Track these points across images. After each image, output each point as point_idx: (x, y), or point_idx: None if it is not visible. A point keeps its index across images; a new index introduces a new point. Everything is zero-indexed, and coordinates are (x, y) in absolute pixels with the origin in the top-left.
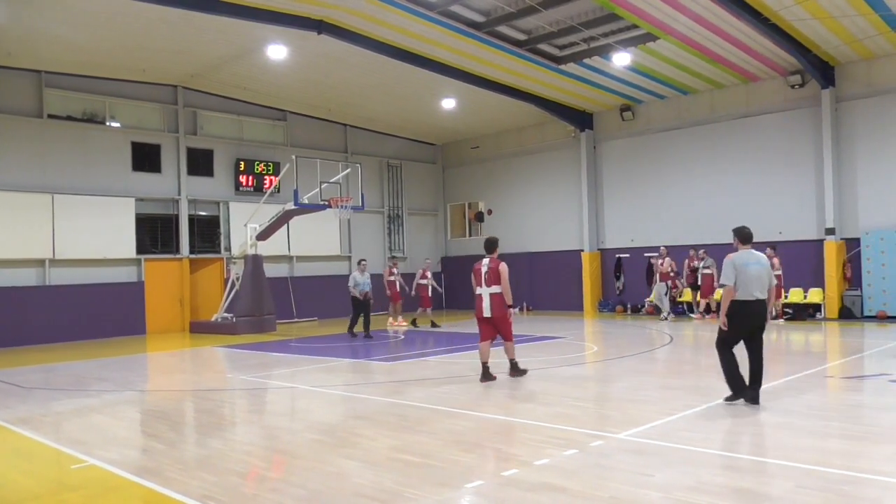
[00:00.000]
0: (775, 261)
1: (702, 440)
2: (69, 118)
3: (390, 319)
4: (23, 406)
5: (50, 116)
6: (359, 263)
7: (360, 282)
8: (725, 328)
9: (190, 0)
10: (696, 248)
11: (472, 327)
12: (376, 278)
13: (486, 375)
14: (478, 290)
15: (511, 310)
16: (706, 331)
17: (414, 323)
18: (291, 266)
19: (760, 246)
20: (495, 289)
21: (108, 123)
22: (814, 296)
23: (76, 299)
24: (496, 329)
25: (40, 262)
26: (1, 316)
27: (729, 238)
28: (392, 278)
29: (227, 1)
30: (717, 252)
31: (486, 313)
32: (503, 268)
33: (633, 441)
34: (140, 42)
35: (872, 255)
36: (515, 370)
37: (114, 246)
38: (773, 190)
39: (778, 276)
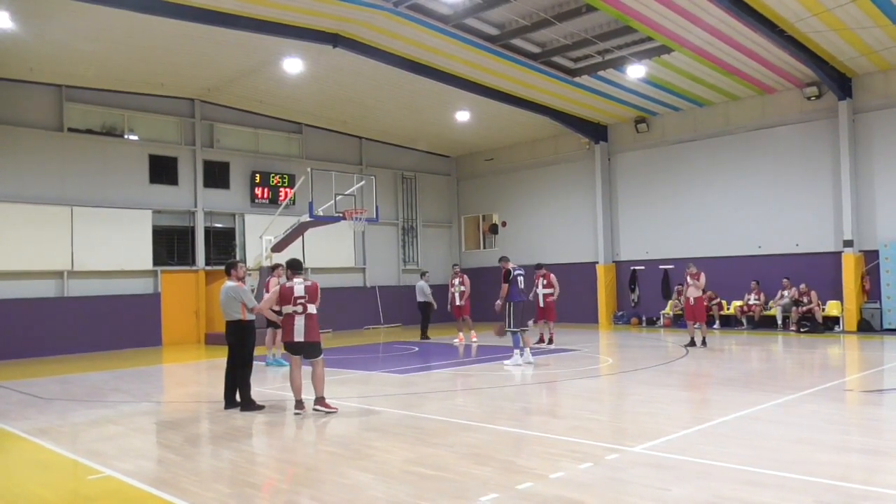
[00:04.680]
0: None
1: (718, 454)
2: (89, 131)
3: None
4: (41, 417)
5: (70, 130)
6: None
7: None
8: None
9: (210, 15)
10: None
11: (486, 340)
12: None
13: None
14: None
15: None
16: (723, 346)
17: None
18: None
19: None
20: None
21: (126, 137)
22: (832, 308)
23: (94, 310)
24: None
25: (59, 274)
26: (20, 327)
27: (746, 250)
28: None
29: (247, 16)
30: (736, 264)
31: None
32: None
33: (649, 454)
34: (159, 56)
35: (891, 268)
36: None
37: (131, 258)
38: (789, 202)
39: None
